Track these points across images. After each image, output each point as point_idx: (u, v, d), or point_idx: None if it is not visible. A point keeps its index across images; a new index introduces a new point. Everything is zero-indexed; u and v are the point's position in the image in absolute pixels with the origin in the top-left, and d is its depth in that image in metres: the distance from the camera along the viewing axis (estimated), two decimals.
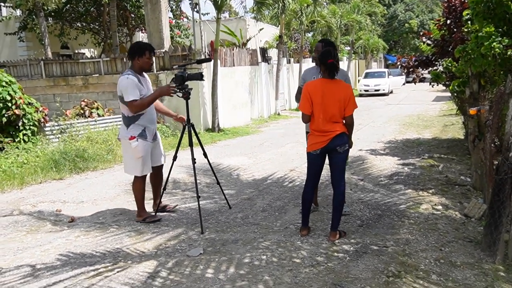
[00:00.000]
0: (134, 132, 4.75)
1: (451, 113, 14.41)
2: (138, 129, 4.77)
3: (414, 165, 7.41)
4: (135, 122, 4.77)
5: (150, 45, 4.90)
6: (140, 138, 4.76)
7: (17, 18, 17.47)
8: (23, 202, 6.07)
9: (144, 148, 4.79)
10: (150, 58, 4.81)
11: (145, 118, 4.81)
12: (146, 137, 4.81)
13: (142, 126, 4.78)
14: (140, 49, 4.75)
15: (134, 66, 4.79)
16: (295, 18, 19.47)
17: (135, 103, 4.62)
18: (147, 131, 4.83)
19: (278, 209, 5.34)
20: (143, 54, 4.74)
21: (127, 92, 4.60)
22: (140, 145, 4.74)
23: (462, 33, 6.73)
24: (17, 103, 8.61)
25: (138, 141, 4.72)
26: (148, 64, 4.83)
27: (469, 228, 4.49)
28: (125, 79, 4.64)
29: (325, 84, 4.14)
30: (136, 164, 4.83)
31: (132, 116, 4.75)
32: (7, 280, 3.67)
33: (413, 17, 46.58)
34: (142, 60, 4.75)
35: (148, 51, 4.76)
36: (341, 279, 3.47)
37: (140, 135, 4.76)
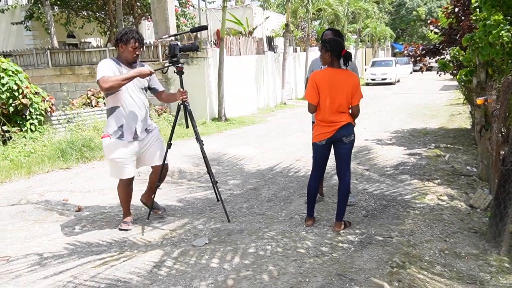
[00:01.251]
0: (109, 128, 4.17)
1: (458, 103, 14.31)
2: (114, 124, 4.16)
3: (420, 155, 7.39)
4: (112, 115, 4.18)
5: (139, 34, 4.22)
6: (114, 136, 4.15)
7: (23, 7, 17.49)
8: (31, 192, 6.13)
9: (116, 149, 4.16)
10: (136, 49, 4.16)
11: (123, 113, 4.16)
12: (122, 135, 4.16)
13: (118, 122, 4.16)
14: (126, 36, 4.12)
15: (119, 55, 4.22)
16: (302, 6, 19.32)
17: (104, 79, 3.92)
18: (125, 129, 4.17)
19: (283, 199, 5.35)
20: (127, 43, 4.12)
21: (98, 71, 3.99)
22: (111, 145, 4.15)
23: (470, 21, 6.66)
24: (24, 93, 8.64)
25: (110, 140, 4.15)
26: (132, 55, 4.16)
27: (474, 219, 4.48)
28: (101, 62, 4.10)
29: (333, 74, 4.11)
30: (111, 165, 4.29)
31: (108, 108, 4.20)
32: (15, 269, 3.72)
33: (421, 4, 46.06)
34: (126, 48, 4.13)
35: (134, 39, 4.13)
36: (346, 269, 3.48)
37: (115, 133, 4.15)
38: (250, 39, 15.68)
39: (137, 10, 19.01)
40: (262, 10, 16.85)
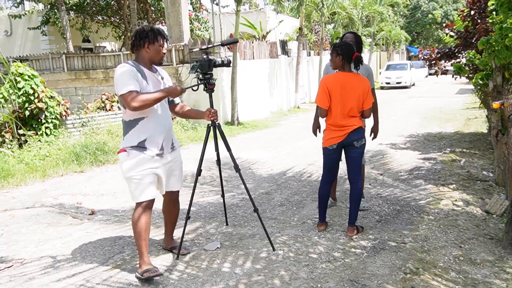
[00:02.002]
0: (128, 142, 3.49)
1: (474, 106, 14.12)
2: (136, 139, 3.48)
3: (435, 159, 7.30)
4: (133, 129, 3.49)
5: (163, 31, 3.64)
6: (136, 150, 3.46)
7: (39, 12, 17.72)
8: (45, 195, 6.19)
9: (136, 165, 3.46)
10: (163, 48, 3.58)
11: (149, 124, 3.51)
12: (145, 149, 3.48)
13: (142, 135, 3.48)
14: (153, 34, 3.50)
15: (142, 57, 3.54)
16: (316, 10, 19.30)
17: (133, 96, 3.30)
18: (149, 142, 3.50)
19: (295, 204, 5.32)
20: (155, 41, 3.51)
21: (121, 82, 3.34)
22: (130, 160, 3.45)
23: (486, 24, 6.57)
24: (40, 97, 8.76)
25: (127, 156, 3.47)
26: (159, 55, 3.57)
27: (490, 225, 4.40)
28: (120, 67, 3.41)
29: (345, 78, 4.08)
30: (130, 185, 3.54)
31: (129, 120, 3.50)
32: (29, 271, 3.75)
33: (437, 7, 45.68)
34: (154, 48, 3.51)
35: (161, 37, 3.54)
36: (358, 275, 3.44)
37: (137, 147, 3.47)
38: (264, 43, 15.70)
39: (151, 15, 19.15)
40: (275, 14, 16.85)
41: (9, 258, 4.05)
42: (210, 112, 3.77)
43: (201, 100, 11.44)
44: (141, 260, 3.51)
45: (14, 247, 4.32)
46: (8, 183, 6.71)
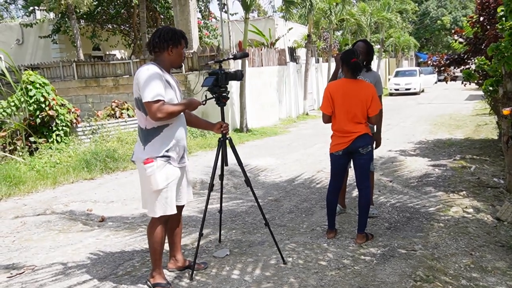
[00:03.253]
0: (153, 151, 3.26)
1: (484, 113, 14.03)
2: (160, 148, 3.28)
3: (445, 166, 7.26)
4: (157, 137, 3.29)
5: (185, 34, 3.51)
6: (162, 160, 3.27)
7: (50, 21, 17.95)
8: (56, 202, 6.24)
9: (166, 176, 3.28)
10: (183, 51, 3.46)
11: (171, 133, 3.33)
12: (169, 158, 3.31)
13: (166, 144, 3.30)
14: (176, 37, 3.34)
15: (163, 60, 3.36)
16: (324, 17, 19.33)
17: (160, 106, 3.15)
18: (174, 151, 3.34)
19: (305, 211, 5.32)
20: (178, 44, 3.36)
21: (148, 88, 3.14)
22: (160, 172, 3.25)
23: (495, 30, 6.55)
24: (51, 104, 8.86)
25: (156, 167, 3.24)
26: (181, 58, 3.44)
27: (501, 232, 4.36)
28: (145, 70, 3.20)
29: (347, 84, 4.11)
30: (151, 198, 3.32)
31: (152, 128, 3.29)
32: (40, 278, 3.78)
33: (446, 13, 45.52)
34: (177, 51, 3.36)
35: (184, 40, 3.40)
36: (368, 282, 3.42)
37: (162, 156, 3.27)
38: (272, 50, 15.74)
39: (160, 23, 19.30)
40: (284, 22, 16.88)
41: (21, 264, 4.09)
42: (221, 126, 3.69)
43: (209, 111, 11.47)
44: (156, 272, 3.45)
45: (26, 253, 4.36)
46: (19, 190, 6.78)
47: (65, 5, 14.64)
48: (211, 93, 3.69)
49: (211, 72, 3.69)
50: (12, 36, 18.67)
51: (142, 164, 3.26)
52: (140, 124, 3.35)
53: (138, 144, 3.39)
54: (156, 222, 3.38)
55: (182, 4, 12.86)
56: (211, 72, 3.69)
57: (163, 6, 17.94)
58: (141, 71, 3.22)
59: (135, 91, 3.27)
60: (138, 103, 3.29)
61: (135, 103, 3.34)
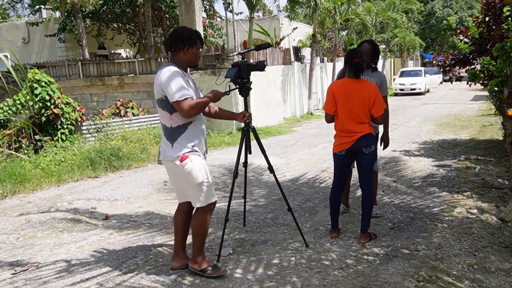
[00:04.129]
0: (183, 148, 3.41)
1: (489, 113, 13.97)
2: (188, 144, 3.43)
3: (450, 166, 7.23)
4: (183, 134, 3.42)
5: (201, 34, 3.65)
6: (194, 155, 3.43)
7: (56, 20, 18.02)
8: (60, 199, 6.27)
9: (203, 168, 3.47)
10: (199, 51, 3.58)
11: (196, 129, 3.50)
12: (198, 152, 3.49)
13: (193, 140, 3.46)
14: (193, 37, 3.45)
15: (179, 60, 3.48)
16: (329, 17, 19.31)
17: (188, 102, 3.29)
18: (198, 146, 3.51)
19: (308, 210, 5.32)
20: (194, 44, 3.46)
21: (175, 88, 3.28)
22: (196, 166, 3.40)
23: (501, 30, 6.52)
24: (56, 103, 8.89)
25: (192, 161, 3.39)
26: (197, 58, 3.56)
27: (505, 233, 4.35)
28: (167, 71, 3.33)
29: (350, 84, 4.11)
30: (196, 191, 3.49)
31: (178, 126, 3.42)
32: (44, 275, 3.80)
33: (452, 13, 45.34)
34: (192, 51, 3.47)
35: (200, 40, 3.52)
36: (370, 282, 3.42)
37: (192, 151, 3.44)
38: (277, 50, 15.74)
39: (165, 22, 19.33)
40: (289, 21, 16.89)
41: (25, 261, 4.11)
42: (245, 115, 3.85)
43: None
44: (201, 257, 3.64)
45: (30, 251, 4.39)
46: (24, 187, 6.81)
47: (71, 4, 14.69)
48: (234, 84, 3.83)
49: (234, 63, 3.84)
50: (18, 34, 18.75)
51: (176, 162, 3.39)
52: (165, 124, 3.45)
53: (164, 143, 3.49)
54: (204, 211, 3.54)
55: (187, 3, 12.84)
56: (234, 64, 3.83)
57: (168, 5, 17.96)
58: (163, 73, 3.33)
59: (158, 92, 3.38)
60: (162, 104, 3.40)
61: (158, 104, 3.44)
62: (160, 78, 3.33)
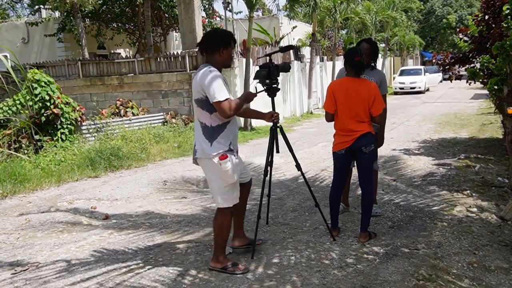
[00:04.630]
0: (221, 147, 3.52)
1: (489, 112, 13.97)
2: (226, 142, 3.54)
3: (450, 165, 7.23)
4: (222, 133, 3.53)
5: (233, 34, 3.78)
6: (230, 154, 3.54)
7: (56, 20, 18.01)
8: (60, 199, 6.27)
9: (236, 168, 3.61)
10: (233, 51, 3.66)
11: (232, 128, 3.63)
12: (233, 151, 3.60)
13: (229, 139, 3.57)
14: (227, 39, 3.56)
15: (215, 61, 3.56)
16: (328, 16, 19.29)
17: (230, 104, 3.41)
18: (234, 144, 3.64)
19: (308, 209, 5.32)
20: (229, 45, 3.58)
21: (216, 89, 3.37)
22: (232, 165, 3.52)
23: (501, 28, 6.51)
24: (56, 103, 8.89)
25: (230, 161, 3.50)
26: (231, 59, 3.69)
27: (505, 231, 4.35)
28: (209, 72, 3.42)
29: (350, 82, 4.10)
30: (225, 191, 3.59)
31: (217, 125, 3.52)
32: (44, 275, 3.81)
33: (451, 12, 45.30)
34: (227, 52, 3.58)
35: (233, 41, 3.64)
36: (370, 281, 3.42)
37: (229, 150, 3.55)
38: (277, 49, 15.72)
39: (165, 22, 19.34)
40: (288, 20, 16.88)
41: (25, 261, 4.12)
42: (272, 115, 3.95)
43: None
44: (221, 256, 3.71)
45: (30, 250, 4.39)
46: (24, 187, 6.82)
47: (70, 4, 14.68)
48: (262, 85, 3.97)
49: (263, 65, 3.96)
50: (18, 34, 18.75)
51: (215, 160, 3.49)
52: (205, 123, 3.54)
53: (202, 141, 3.55)
54: (227, 212, 3.65)
55: (186, 2, 12.86)
56: (263, 65, 3.96)
57: (168, 4, 17.97)
58: (204, 74, 3.43)
59: (197, 92, 3.48)
60: (201, 103, 3.50)
61: (197, 104, 3.53)
62: (200, 79, 3.43)
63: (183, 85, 12.25)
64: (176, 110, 12.18)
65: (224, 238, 3.72)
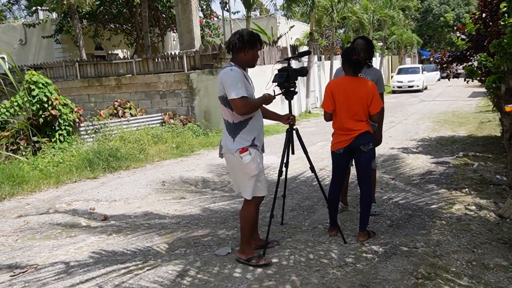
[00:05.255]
0: (244, 142, 3.67)
1: (487, 110, 13.98)
2: (249, 138, 3.69)
3: (448, 163, 7.24)
4: (244, 129, 3.70)
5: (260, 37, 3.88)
6: (253, 148, 3.68)
7: (53, 21, 18.00)
8: (59, 201, 6.26)
9: (260, 162, 3.75)
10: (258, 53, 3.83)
11: (256, 124, 3.76)
12: (256, 146, 3.73)
13: (252, 134, 3.71)
14: (253, 40, 3.70)
15: (240, 60, 3.72)
16: (326, 15, 19.30)
17: (244, 101, 3.55)
18: (257, 140, 3.75)
19: (306, 209, 5.32)
20: (254, 46, 3.72)
21: (233, 86, 3.54)
22: (254, 159, 3.66)
23: (498, 27, 6.51)
24: (53, 104, 8.88)
25: (251, 154, 3.64)
26: (255, 59, 3.82)
27: (504, 229, 4.35)
28: (229, 71, 3.60)
29: (348, 81, 4.10)
30: (248, 183, 3.75)
31: (239, 122, 3.69)
32: (42, 277, 3.80)
33: (449, 10, 45.36)
34: (253, 53, 3.74)
35: (260, 42, 3.78)
36: (369, 280, 3.43)
37: (252, 145, 3.68)
38: (274, 48, 15.72)
39: (162, 22, 19.33)
40: (286, 20, 16.89)
41: (24, 263, 4.11)
42: (289, 118, 4.09)
43: (212, 105, 11.59)
44: (247, 248, 3.86)
45: (29, 252, 4.39)
46: (22, 189, 6.80)
47: (67, 5, 14.66)
48: (280, 88, 4.12)
49: (281, 69, 4.10)
50: (15, 36, 18.73)
51: (236, 154, 3.66)
52: (228, 119, 3.74)
53: (226, 138, 3.76)
54: (251, 203, 3.81)
55: (184, 3, 12.85)
56: (281, 69, 4.10)
57: (165, 5, 17.95)
58: (226, 72, 3.61)
59: (220, 90, 3.67)
60: (224, 101, 3.68)
61: (220, 101, 3.73)
62: (222, 77, 3.62)
63: (181, 85, 12.23)
64: (174, 110, 12.16)
65: (249, 230, 3.84)
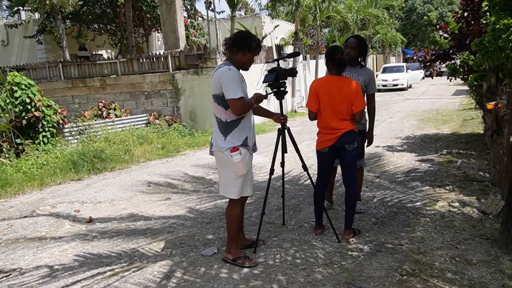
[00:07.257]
0: (235, 141, 3.69)
1: (471, 108, 14.15)
2: (240, 137, 3.71)
3: (432, 161, 7.32)
4: (236, 128, 3.71)
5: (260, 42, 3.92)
6: (243, 148, 3.70)
7: (35, 22, 17.75)
8: (43, 203, 6.19)
9: (249, 162, 3.79)
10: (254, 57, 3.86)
11: (247, 123, 3.79)
12: (247, 146, 3.75)
13: (244, 134, 3.74)
14: (251, 43, 3.72)
15: (236, 60, 3.74)
16: (310, 14, 19.35)
17: (242, 102, 3.58)
18: (249, 140, 3.78)
19: (292, 208, 5.34)
20: (253, 50, 3.75)
21: (232, 86, 3.55)
22: (244, 158, 3.69)
23: (480, 25, 6.61)
24: (37, 106, 8.77)
25: (241, 154, 3.67)
26: (251, 63, 3.85)
27: (486, 225, 4.42)
28: (228, 71, 3.60)
29: (332, 81, 4.13)
30: (235, 183, 3.76)
31: (232, 121, 3.70)
32: (27, 281, 3.75)
33: (432, 9, 45.87)
34: (250, 56, 3.77)
35: (258, 48, 3.80)
36: (355, 277, 3.45)
37: (243, 145, 3.70)
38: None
39: (147, 22, 19.20)
40: (271, 19, 16.90)
41: (7, 267, 4.06)
42: (280, 117, 4.18)
43: (197, 105, 11.56)
44: (233, 248, 3.86)
45: (12, 256, 4.33)
46: (5, 192, 6.71)
47: (50, 5, 14.48)
48: (271, 88, 4.16)
49: (271, 69, 4.17)
50: None
51: (227, 152, 3.67)
52: (221, 118, 3.73)
53: (217, 136, 3.77)
54: (237, 203, 3.85)
55: (168, 3, 12.80)
56: (271, 69, 4.16)
57: (149, 5, 17.85)
58: (223, 71, 3.60)
59: (216, 88, 3.65)
60: (218, 99, 3.68)
61: (214, 99, 3.72)
62: (219, 76, 3.60)
63: (166, 85, 12.18)
64: (159, 111, 12.10)
65: (235, 229, 3.85)
